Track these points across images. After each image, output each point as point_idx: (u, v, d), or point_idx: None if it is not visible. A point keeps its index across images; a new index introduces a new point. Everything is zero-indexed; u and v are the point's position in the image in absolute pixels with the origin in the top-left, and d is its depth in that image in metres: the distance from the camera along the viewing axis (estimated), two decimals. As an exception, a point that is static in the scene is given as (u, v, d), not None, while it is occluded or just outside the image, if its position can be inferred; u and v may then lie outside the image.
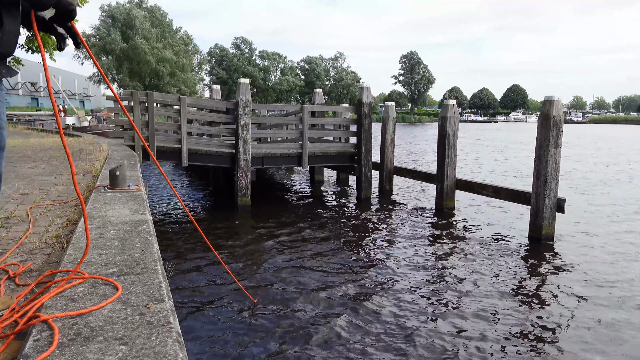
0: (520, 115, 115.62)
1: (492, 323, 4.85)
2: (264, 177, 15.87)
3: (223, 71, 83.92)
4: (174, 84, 58.30)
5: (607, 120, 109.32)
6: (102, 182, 4.12)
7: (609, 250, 7.55)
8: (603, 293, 5.72)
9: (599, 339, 4.53)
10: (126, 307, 1.61)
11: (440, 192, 10.19)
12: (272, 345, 4.32)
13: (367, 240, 8.21)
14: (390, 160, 12.20)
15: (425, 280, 6.13)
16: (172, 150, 9.98)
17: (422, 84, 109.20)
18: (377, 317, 4.97)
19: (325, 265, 6.65)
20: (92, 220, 2.87)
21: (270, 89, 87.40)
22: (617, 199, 11.94)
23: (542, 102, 8.06)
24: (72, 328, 1.44)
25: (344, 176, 14.83)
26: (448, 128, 9.89)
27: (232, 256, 7.05)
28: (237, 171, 10.10)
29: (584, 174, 16.73)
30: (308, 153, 10.94)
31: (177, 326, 1.53)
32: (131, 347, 1.33)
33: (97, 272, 1.93)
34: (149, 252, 2.25)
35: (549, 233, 7.91)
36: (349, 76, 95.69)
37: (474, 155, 24.43)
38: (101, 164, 5.92)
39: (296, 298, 5.44)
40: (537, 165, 7.94)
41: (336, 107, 13.83)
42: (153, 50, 54.54)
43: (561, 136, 7.74)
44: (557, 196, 7.88)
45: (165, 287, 1.85)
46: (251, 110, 10.19)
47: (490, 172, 17.30)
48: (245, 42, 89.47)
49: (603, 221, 9.52)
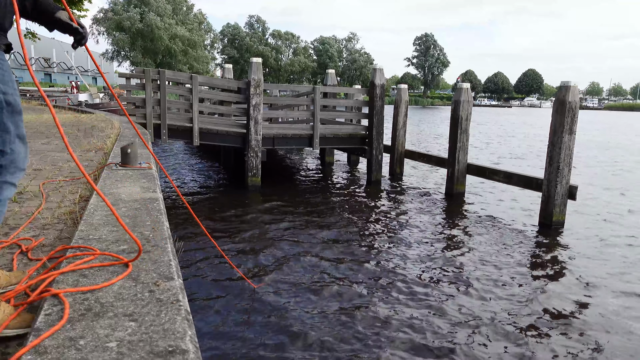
0: (535, 100, 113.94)
1: (500, 308, 4.85)
2: (275, 158, 15.88)
3: (235, 50, 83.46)
4: (186, 62, 58.20)
5: (624, 107, 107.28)
6: (113, 160, 4.15)
7: (620, 238, 7.48)
8: (612, 281, 5.69)
9: (606, 326, 4.52)
10: (136, 284, 1.63)
11: (451, 176, 10.13)
12: (268, 332, 4.36)
13: (376, 223, 8.22)
14: (401, 143, 12.12)
15: (434, 265, 6.14)
16: (183, 129, 10.00)
17: (437, 66, 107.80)
18: (383, 300, 4.99)
19: (333, 249, 6.67)
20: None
21: (282, 69, 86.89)
22: (631, 187, 11.79)
23: (557, 87, 7.92)
24: (82, 303, 1.46)
25: (354, 158, 14.78)
26: (461, 112, 9.77)
27: (239, 237, 7.09)
28: (248, 151, 10.10)
29: (598, 161, 16.51)
30: (319, 134, 10.90)
31: (187, 304, 1.55)
32: (140, 324, 1.35)
33: (108, 249, 1.95)
34: (159, 230, 2.27)
35: (559, 220, 7.85)
36: (361, 58, 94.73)
37: (485, 139, 24.20)
38: (113, 142, 5.96)
39: (302, 280, 5.48)
40: (550, 152, 7.84)
41: (348, 88, 13.72)
42: (166, 26, 54.35)
43: (576, 122, 7.61)
44: (569, 183, 7.80)
45: (175, 265, 1.87)
46: (263, 90, 10.14)
47: (498, 157, 17.15)
48: (259, 21, 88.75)
49: (615, 209, 9.42)
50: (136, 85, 9.95)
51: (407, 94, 12.22)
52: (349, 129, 11.72)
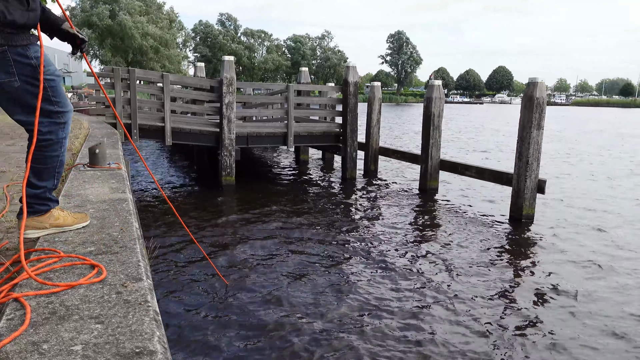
0: (505, 97, 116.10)
1: (472, 302, 4.94)
2: (250, 157, 15.78)
3: (207, 49, 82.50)
4: (157, 61, 57.20)
5: (590, 102, 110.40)
6: (81, 160, 4.06)
7: (587, 229, 7.71)
8: (580, 270, 5.86)
9: (575, 312, 4.65)
10: (103, 286, 1.60)
11: (425, 172, 10.26)
12: (241, 329, 4.35)
13: (350, 220, 8.26)
14: (375, 140, 12.20)
15: (407, 260, 6.21)
16: (155, 129, 9.84)
17: (409, 64, 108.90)
18: (355, 296, 5.03)
19: (307, 246, 6.68)
20: (70, 199, 2.83)
21: (255, 67, 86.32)
22: (597, 180, 12.16)
23: (526, 84, 8.10)
24: (47, 307, 1.43)
25: (329, 156, 14.81)
26: (433, 109, 9.90)
27: (213, 235, 7.03)
28: (222, 150, 10.01)
29: (565, 156, 16.97)
30: (293, 132, 10.88)
31: (155, 305, 1.53)
32: (107, 326, 1.33)
33: (75, 251, 1.91)
34: (128, 231, 2.23)
35: (529, 213, 8.04)
36: (335, 56, 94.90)
37: (455, 134, 24.59)
38: (81, 142, 5.82)
39: (276, 277, 5.47)
40: (519, 147, 8.01)
41: (322, 86, 13.73)
42: (137, 24, 53.27)
43: (544, 118, 7.80)
44: (538, 177, 7.99)
45: (144, 265, 1.84)
46: (236, 89, 10.06)
47: (471, 151, 17.46)
48: (230, 19, 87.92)
49: (582, 201, 9.70)
50: (105, 84, 9.74)
51: (380, 92, 12.30)
52: (323, 127, 11.74)
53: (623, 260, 6.31)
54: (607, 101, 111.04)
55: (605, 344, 4.15)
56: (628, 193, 10.76)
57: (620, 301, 5.03)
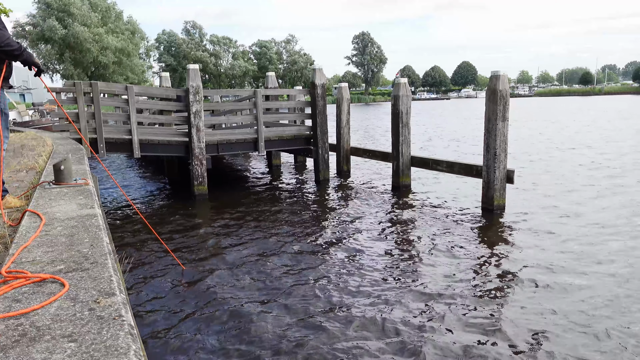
0: (471, 91, 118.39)
1: (447, 294, 5.02)
2: (221, 165, 15.64)
3: (172, 58, 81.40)
4: (121, 73, 56.04)
5: (552, 92, 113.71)
6: (46, 178, 3.95)
7: (556, 216, 7.93)
8: (550, 256, 6.02)
9: (547, 298, 4.78)
10: (75, 303, 1.56)
11: (397, 169, 10.37)
12: (216, 334, 4.32)
13: (324, 221, 8.28)
14: (346, 141, 12.27)
15: (382, 257, 6.26)
16: (122, 142, 9.65)
17: (375, 63, 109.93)
18: (329, 295, 5.04)
19: (282, 250, 6.66)
20: (37, 218, 2.75)
21: (222, 74, 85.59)
22: (563, 167, 12.52)
23: (489, 77, 8.28)
24: (16, 329, 1.39)
25: (301, 159, 14.81)
26: (401, 107, 10.02)
27: (186, 246, 6.94)
28: (192, 160, 9.90)
29: (531, 145, 17.42)
30: (264, 138, 10.84)
31: (130, 319, 1.50)
32: (80, 344, 1.30)
33: (43, 271, 1.86)
34: (98, 246, 2.19)
35: (500, 204, 8.22)
36: (301, 59, 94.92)
37: (422, 130, 24.95)
38: (45, 160, 5.67)
39: (253, 284, 5.44)
40: (486, 139, 8.19)
41: (290, 90, 13.72)
42: (95, 37, 51.99)
43: (508, 110, 7.99)
44: (506, 168, 8.18)
45: (117, 280, 1.81)
46: (203, 97, 9.96)
47: (444, 147, 17.74)
48: (195, 27, 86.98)
49: (549, 189, 9.97)
50: (68, 99, 9.51)
51: (348, 92, 12.39)
52: (293, 131, 11.73)
53: (591, 244, 6.52)
54: (567, 90, 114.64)
55: (574, 328, 4.27)
56: (593, 177, 11.12)
57: (589, 285, 5.19)
